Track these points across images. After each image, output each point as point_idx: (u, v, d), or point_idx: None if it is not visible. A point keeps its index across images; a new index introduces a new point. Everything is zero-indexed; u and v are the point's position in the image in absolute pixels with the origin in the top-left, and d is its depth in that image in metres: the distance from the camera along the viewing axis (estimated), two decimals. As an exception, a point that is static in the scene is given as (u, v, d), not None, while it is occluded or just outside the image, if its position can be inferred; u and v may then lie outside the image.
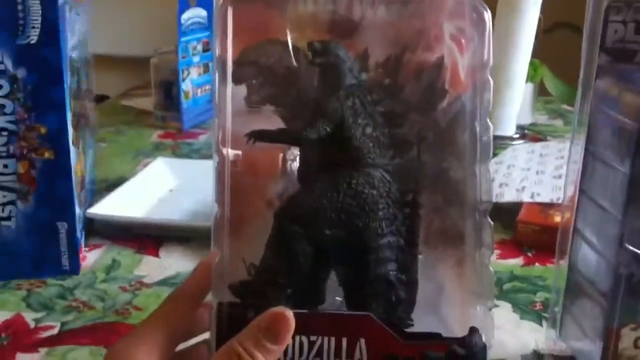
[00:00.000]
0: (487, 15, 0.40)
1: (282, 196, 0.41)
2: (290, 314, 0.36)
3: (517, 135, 1.09)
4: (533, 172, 0.88)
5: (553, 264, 0.68)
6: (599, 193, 0.50)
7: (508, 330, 0.58)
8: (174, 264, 0.68)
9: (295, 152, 0.41)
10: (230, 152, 0.39)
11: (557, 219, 0.73)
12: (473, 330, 0.38)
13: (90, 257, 0.69)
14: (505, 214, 0.77)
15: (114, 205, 0.75)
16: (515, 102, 1.07)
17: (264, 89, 0.41)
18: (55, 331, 0.57)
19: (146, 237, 0.73)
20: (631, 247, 0.47)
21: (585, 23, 0.49)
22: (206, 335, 0.42)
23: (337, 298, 0.40)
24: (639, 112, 0.45)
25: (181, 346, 0.44)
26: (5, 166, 0.63)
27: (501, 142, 1.04)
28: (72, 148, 0.64)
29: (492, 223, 0.39)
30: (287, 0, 0.42)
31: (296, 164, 0.41)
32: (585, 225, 0.52)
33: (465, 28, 0.41)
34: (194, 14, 1.14)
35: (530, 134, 1.13)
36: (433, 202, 0.41)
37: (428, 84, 0.41)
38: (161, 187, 0.83)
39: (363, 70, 0.40)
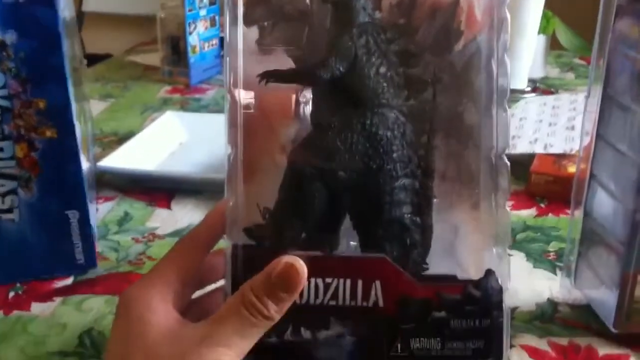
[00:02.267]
0: None
1: (295, 142, 0.40)
2: (301, 264, 0.36)
3: (528, 89, 1.07)
4: (545, 124, 0.87)
5: (566, 214, 0.68)
6: (617, 137, 0.49)
7: (522, 278, 0.58)
8: (185, 216, 0.68)
9: (308, 94, 0.40)
10: (242, 94, 0.38)
11: (571, 169, 0.73)
12: (489, 273, 0.38)
13: (103, 210, 0.69)
14: (518, 165, 0.76)
15: (125, 158, 0.75)
16: (527, 55, 1.05)
17: (276, 30, 0.41)
18: (69, 281, 0.57)
19: (157, 189, 0.73)
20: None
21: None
22: (221, 283, 0.42)
23: (351, 242, 0.40)
24: (658, 53, 0.44)
25: (196, 294, 0.44)
26: (1, 150, 0.53)
27: (513, 95, 1.02)
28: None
29: (508, 164, 0.39)
30: None
31: (309, 107, 0.40)
32: (602, 170, 0.51)
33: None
34: (201, -33, 1.12)
35: (542, 87, 1.12)
36: (448, 145, 0.41)
37: (443, 25, 0.40)
38: (171, 141, 0.83)
39: (377, 8, 0.39)
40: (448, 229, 0.40)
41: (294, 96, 0.40)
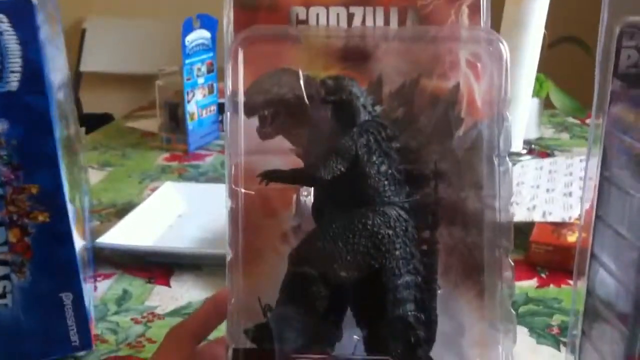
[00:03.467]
0: (504, 47, 0.39)
1: (297, 230, 0.40)
2: None
3: (524, 151, 1.08)
4: (543, 189, 0.88)
5: (568, 285, 0.67)
6: (616, 219, 0.49)
7: (526, 355, 0.57)
8: (185, 293, 0.67)
9: (309, 188, 0.40)
10: (243, 192, 0.38)
11: (570, 238, 0.73)
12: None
13: (101, 287, 0.69)
14: (517, 233, 0.76)
15: (124, 234, 0.74)
16: (522, 118, 1.07)
17: (276, 119, 0.41)
18: (67, 367, 0.57)
19: (157, 264, 0.72)
20: (651, 276, 0.46)
21: (598, 49, 0.49)
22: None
23: (354, 337, 0.39)
24: (654, 140, 0.45)
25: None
26: None
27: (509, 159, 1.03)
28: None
29: (512, 264, 0.39)
30: (299, 34, 0.41)
31: (310, 199, 0.40)
32: (603, 251, 0.51)
33: (481, 53, 0.40)
34: (198, 36, 1.14)
35: (537, 148, 1.13)
36: (450, 233, 0.41)
37: (444, 112, 0.41)
38: (170, 213, 0.83)
39: (377, 101, 0.40)
40: (452, 322, 0.40)
41: (295, 193, 0.40)
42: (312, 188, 0.40)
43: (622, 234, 0.48)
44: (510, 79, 1.09)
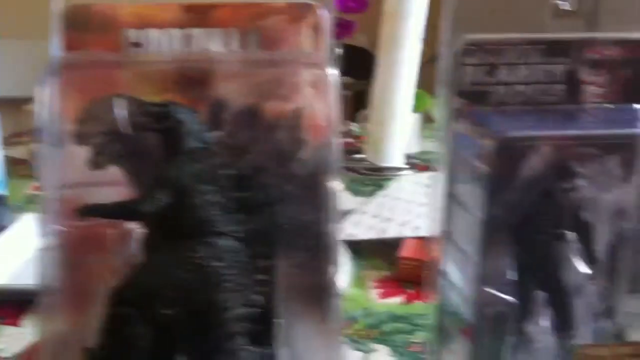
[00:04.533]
0: (335, 72, 0.39)
1: (127, 266, 0.38)
2: None
3: (405, 166, 1.10)
4: (417, 204, 0.89)
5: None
6: (460, 236, 0.50)
7: (387, 377, 0.57)
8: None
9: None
10: (61, 228, 0.36)
11: (435, 253, 0.74)
12: None
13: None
14: (389, 249, 0.76)
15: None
16: (401, 132, 1.08)
17: (109, 147, 0.39)
18: None
19: (8, 303, 0.68)
20: (490, 289, 0.47)
21: (440, 67, 0.49)
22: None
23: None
24: (490, 157, 0.46)
25: None
26: None
27: (389, 174, 1.05)
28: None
29: (340, 286, 0.38)
30: (125, 59, 0.40)
31: (140, 232, 0.38)
32: (449, 267, 0.52)
33: (320, 76, 0.40)
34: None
35: (418, 162, 1.15)
36: (294, 259, 0.40)
37: (285, 135, 0.40)
38: (30, 247, 0.78)
39: (215, 126, 0.39)
40: (292, 352, 0.39)
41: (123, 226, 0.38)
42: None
43: (465, 250, 0.49)
44: (389, 95, 1.09)
